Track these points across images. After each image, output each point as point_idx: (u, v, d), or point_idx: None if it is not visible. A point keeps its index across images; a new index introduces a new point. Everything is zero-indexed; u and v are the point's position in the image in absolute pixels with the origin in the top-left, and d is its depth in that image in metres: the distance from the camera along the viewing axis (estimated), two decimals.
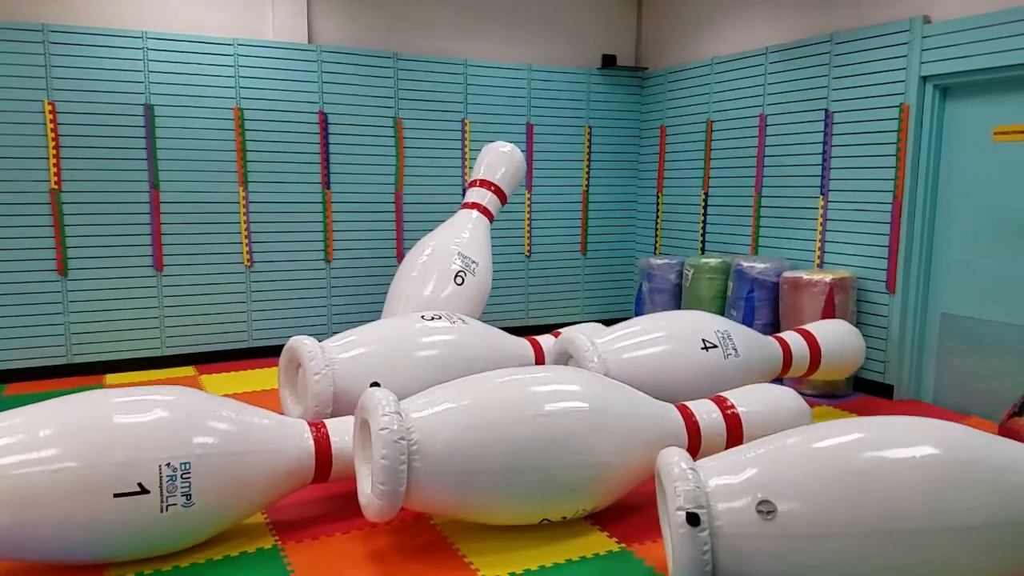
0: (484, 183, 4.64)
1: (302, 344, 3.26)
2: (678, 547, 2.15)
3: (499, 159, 4.70)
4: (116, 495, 2.28)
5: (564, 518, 2.75)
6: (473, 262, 4.33)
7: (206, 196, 5.15)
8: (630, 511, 2.97)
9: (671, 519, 2.19)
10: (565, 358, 3.58)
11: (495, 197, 4.66)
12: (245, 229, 5.28)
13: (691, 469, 2.22)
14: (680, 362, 3.48)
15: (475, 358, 3.45)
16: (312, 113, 5.39)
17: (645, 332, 3.59)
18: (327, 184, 5.49)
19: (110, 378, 4.88)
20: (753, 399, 3.04)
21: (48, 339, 4.83)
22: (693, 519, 2.12)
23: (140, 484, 2.31)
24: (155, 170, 4.99)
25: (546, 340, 4.02)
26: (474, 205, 4.59)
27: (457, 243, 4.40)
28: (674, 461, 2.24)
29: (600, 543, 2.73)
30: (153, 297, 5.08)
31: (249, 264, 5.32)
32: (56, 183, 4.74)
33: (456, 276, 4.25)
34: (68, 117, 4.74)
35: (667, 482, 2.23)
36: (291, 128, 5.33)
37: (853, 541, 2.05)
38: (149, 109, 4.93)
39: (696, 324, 3.66)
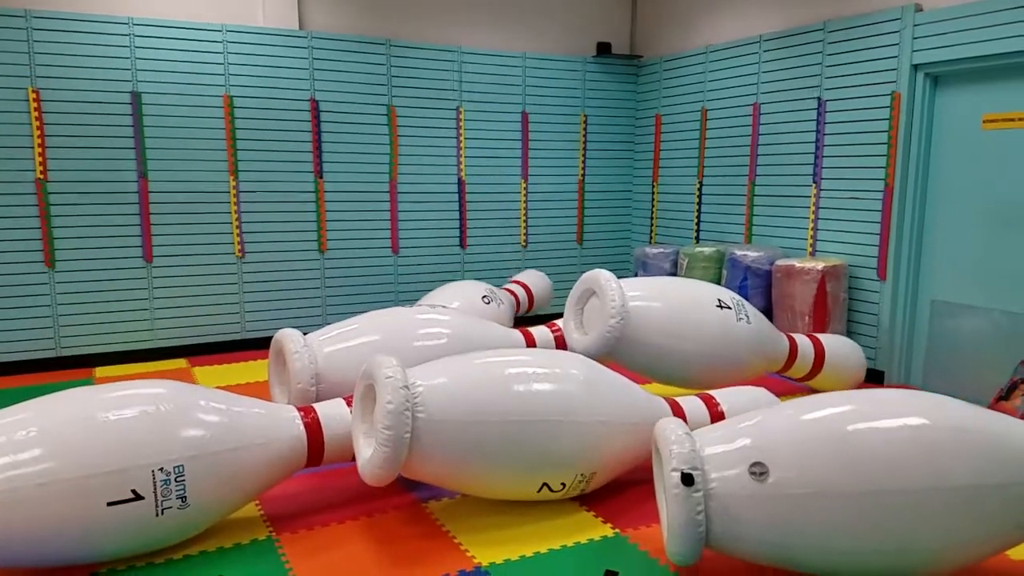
0: (516, 281, 5.58)
1: (283, 332, 3.36)
2: (672, 508, 2.19)
3: (533, 275, 5.64)
4: (110, 503, 2.25)
5: (563, 485, 2.76)
6: (500, 300, 4.88)
7: (196, 186, 5.09)
8: (625, 500, 2.99)
9: (666, 481, 2.24)
10: (588, 296, 3.70)
11: (525, 293, 5.42)
12: (236, 219, 5.23)
13: (686, 434, 2.29)
14: (694, 313, 3.61)
15: (466, 345, 3.46)
16: (303, 101, 5.33)
17: (663, 284, 3.77)
18: (319, 173, 5.44)
19: (100, 371, 4.84)
20: (735, 399, 3.14)
21: (36, 332, 4.77)
22: (688, 479, 2.16)
23: (134, 491, 2.28)
24: (143, 159, 4.92)
25: (540, 331, 4.02)
26: (505, 289, 5.41)
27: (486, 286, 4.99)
28: (670, 428, 2.33)
29: (595, 529, 2.74)
30: (143, 289, 5.03)
31: (241, 255, 5.28)
32: (42, 173, 4.68)
33: (483, 297, 4.74)
34: (53, 105, 4.66)
35: (663, 446, 2.29)
36: (282, 116, 5.28)
37: (843, 501, 2.10)
38: (136, 97, 4.86)
39: (712, 288, 3.83)
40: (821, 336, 4.21)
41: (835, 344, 4.17)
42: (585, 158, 6.43)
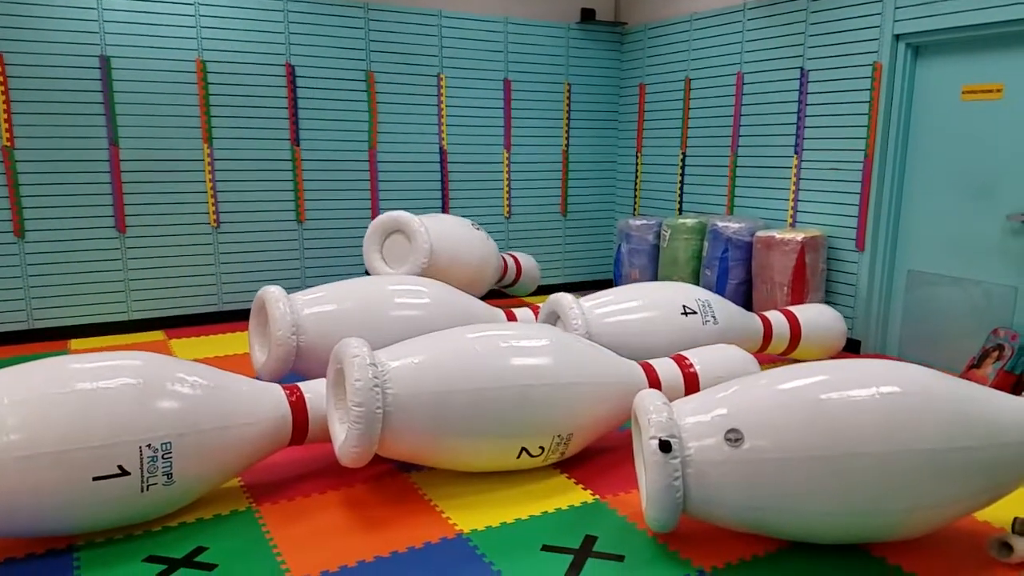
0: (510, 253, 5.78)
1: (264, 288, 3.45)
2: (651, 475, 2.24)
3: (525, 256, 5.83)
4: (95, 478, 2.23)
5: (542, 449, 2.79)
6: (488, 236, 5.13)
7: (169, 154, 4.97)
8: (605, 467, 3.02)
9: (645, 450, 2.28)
10: (553, 319, 3.72)
11: (514, 263, 5.62)
12: (211, 188, 5.13)
13: (664, 404, 2.34)
14: (660, 325, 3.63)
15: (446, 321, 3.49)
16: (279, 66, 5.20)
17: (628, 297, 3.74)
18: (296, 141, 5.33)
19: (75, 343, 4.76)
20: (707, 356, 3.19)
21: (7, 304, 4.67)
22: (665, 446, 2.21)
23: (120, 467, 2.25)
24: (114, 126, 4.79)
25: (523, 312, 4.05)
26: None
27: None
28: (649, 399, 2.38)
29: (575, 494, 2.77)
30: (117, 260, 4.94)
31: (216, 225, 5.19)
32: (8, 140, 4.53)
33: (473, 224, 5.06)
34: (19, 70, 4.50)
35: (642, 416, 2.34)
36: (257, 81, 5.15)
37: (815, 465, 2.14)
38: (105, 61, 4.71)
39: (678, 292, 3.82)
40: (797, 309, 4.23)
41: (811, 316, 4.19)
42: (569, 128, 6.37)
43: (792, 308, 4.25)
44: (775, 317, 4.13)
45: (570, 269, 6.58)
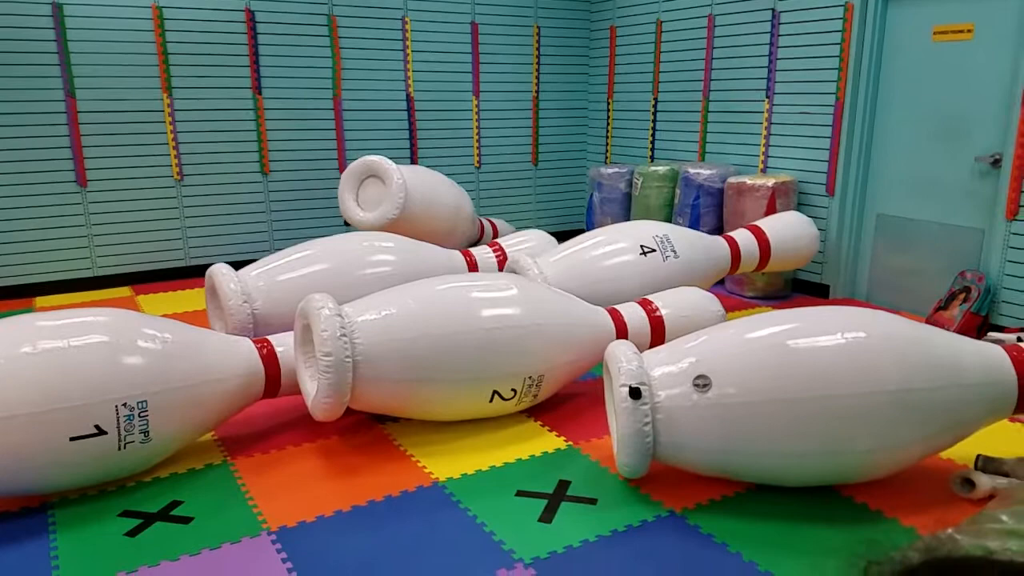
0: (487, 218, 5.55)
1: (213, 267, 3.39)
2: (622, 420, 2.29)
3: (503, 222, 5.63)
4: (72, 438, 2.21)
5: (514, 391, 2.82)
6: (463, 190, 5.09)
7: (128, 104, 4.79)
8: (578, 415, 3.07)
9: (615, 397, 2.33)
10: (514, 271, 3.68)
11: (491, 228, 5.40)
12: (172, 140, 4.97)
13: (634, 353, 2.38)
14: (619, 269, 3.62)
15: (407, 271, 3.48)
16: (238, 11, 4.98)
17: (585, 248, 3.71)
18: (258, 89, 5.16)
19: (40, 300, 4.67)
20: (671, 299, 3.23)
21: None
22: (635, 393, 2.26)
23: (97, 426, 2.24)
24: (70, 76, 4.58)
25: (480, 250, 4.05)
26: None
27: None
28: (620, 349, 2.41)
29: (548, 442, 2.83)
30: (79, 215, 4.80)
31: (179, 178, 5.04)
32: None
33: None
34: None
35: (613, 364, 2.38)
36: (216, 28, 4.94)
37: (780, 407, 2.19)
38: (58, 9, 4.47)
39: (635, 232, 3.78)
40: (763, 222, 4.20)
41: (779, 227, 4.17)
42: (539, 73, 6.24)
43: (759, 222, 4.22)
44: (741, 235, 4.10)
45: (542, 218, 6.55)
